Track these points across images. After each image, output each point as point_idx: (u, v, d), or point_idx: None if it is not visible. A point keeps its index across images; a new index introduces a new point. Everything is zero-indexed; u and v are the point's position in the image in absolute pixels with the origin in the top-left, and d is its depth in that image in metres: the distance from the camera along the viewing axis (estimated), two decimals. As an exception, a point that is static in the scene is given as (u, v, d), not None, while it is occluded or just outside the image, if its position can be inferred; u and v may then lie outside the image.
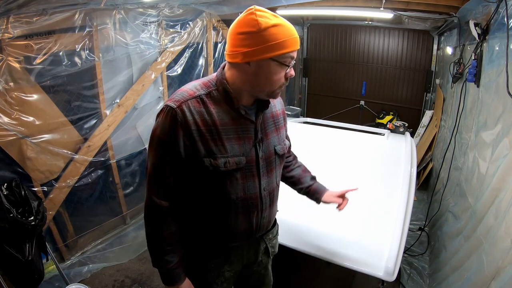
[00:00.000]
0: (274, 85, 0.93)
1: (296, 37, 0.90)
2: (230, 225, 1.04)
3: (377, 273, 1.45)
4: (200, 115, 0.91)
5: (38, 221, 1.79)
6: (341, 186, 2.22)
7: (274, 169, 1.09)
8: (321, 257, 1.59)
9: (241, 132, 0.97)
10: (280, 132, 1.11)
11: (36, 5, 1.79)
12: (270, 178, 1.08)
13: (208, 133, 0.92)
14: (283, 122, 1.15)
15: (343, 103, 5.50)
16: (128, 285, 2.22)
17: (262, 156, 1.02)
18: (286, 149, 1.13)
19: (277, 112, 1.11)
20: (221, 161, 0.93)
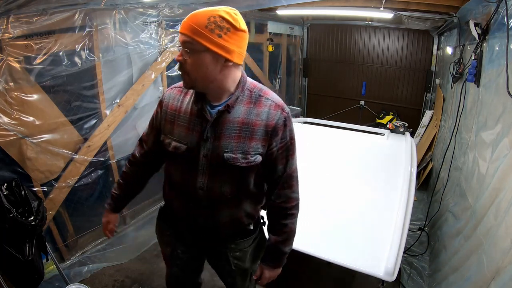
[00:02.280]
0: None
1: (184, 21, 0.92)
2: (173, 202, 1.19)
3: (377, 273, 1.45)
4: (173, 101, 1.09)
5: (38, 221, 1.79)
6: (341, 186, 2.22)
7: (219, 174, 1.04)
8: (321, 257, 1.59)
9: (193, 124, 1.03)
10: (244, 142, 1.00)
11: (36, 5, 1.79)
12: (211, 182, 1.05)
13: (170, 116, 1.08)
14: (262, 136, 1.00)
15: (343, 103, 5.50)
16: (128, 285, 2.22)
17: (205, 155, 1.02)
18: (241, 163, 1.00)
19: (255, 122, 1.00)
20: (168, 141, 1.07)
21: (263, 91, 1.04)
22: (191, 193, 1.08)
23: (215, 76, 0.95)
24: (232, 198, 1.08)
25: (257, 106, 1.01)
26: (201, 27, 0.88)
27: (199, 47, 0.90)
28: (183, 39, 0.92)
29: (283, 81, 5.18)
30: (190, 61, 0.93)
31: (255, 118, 1.00)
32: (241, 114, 1.00)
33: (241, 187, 1.08)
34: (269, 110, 1.01)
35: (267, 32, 4.44)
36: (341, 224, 1.82)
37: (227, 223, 1.13)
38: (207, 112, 1.00)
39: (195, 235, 1.20)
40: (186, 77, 0.97)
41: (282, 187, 1.11)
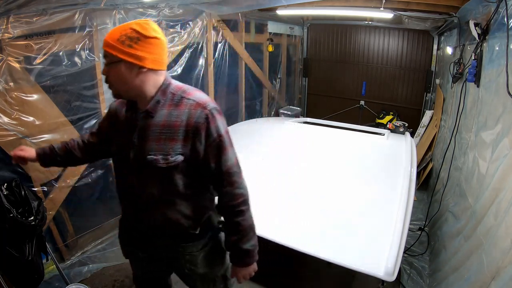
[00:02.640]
0: None
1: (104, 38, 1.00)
2: (119, 197, 1.24)
3: (377, 273, 1.45)
4: (116, 110, 1.18)
5: (38, 221, 1.79)
6: (341, 186, 2.22)
7: (146, 177, 1.08)
8: (321, 257, 1.59)
9: (126, 130, 1.11)
10: (165, 144, 1.03)
11: (36, 5, 1.79)
12: (140, 182, 1.10)
13: (113, 123, 1.18)
14: (183, 136, 1.02)
15: (343, 103, 5.50)
16: (128, 285, 2.22)
17: (133, 158, 1.08)
18: (161, 163, 1.02)
19: (175, 123, 1.02)
20: (110, 145, 1.18)
21: (186, 92, 1.07)
22: (127, 194, 1.18)
23: (133, 84, 1.01)
24: (162, 199, 1.10)
25: (178, 108, 1.04)
26: (113, 40, 0.97)
27: (114, 59, 0.98)
28: (103, 53, 1.01)
29: (283, 81, 5.18)
30: (111, 73, 1.02)
31: (175, 119, 1.03)
32: (163, 117, 1.04)
33: (168, 188, 1.08)
34: (189, 110, 1.03)
35: (267, 32, 4.44)
36: (341, 224, 1.81)
37: (163, 225, 1.14)
38: (135, 118, 1.09)
39: (143, 236, 1.23)
40: (111, 88, 1.05)
41: (223, 185, 1.10)
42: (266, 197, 2.10)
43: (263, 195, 2.13)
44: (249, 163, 2.50)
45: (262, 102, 4.81)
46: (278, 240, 1.72)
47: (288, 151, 2.68)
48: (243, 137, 3.01)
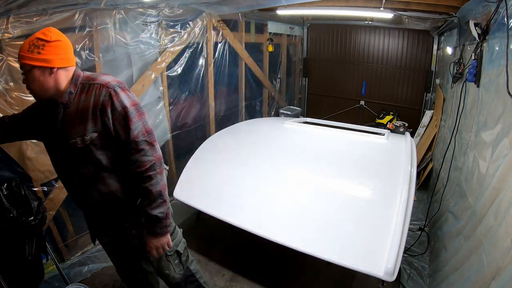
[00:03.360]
0: None
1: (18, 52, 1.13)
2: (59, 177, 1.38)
3: (377, 273, 1.45)
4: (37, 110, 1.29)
5: (38, 221, 1.78)
6: (340, 186, 2.22)
7: (73, 160, 1.23)
8: (321, 257, 1.59)
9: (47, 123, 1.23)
10: (79, 127, 1.17)
11: (36, 5, 1.79)
12: (70, 167, 1.25)
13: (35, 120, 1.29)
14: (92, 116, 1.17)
15: (343, 103, 5.50)
16: (128, 285, 2.22)
17: (59, 146, 1.22)
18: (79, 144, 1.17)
19: (87, 105, 1.17)
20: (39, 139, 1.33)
21: (92, 79, 1.21)
22: (66, 180, 1.32)
23: (48, 84, 1.15)
24: (93, 176, 1.23)
25: (87, 93, 1.18)
26: (24, 52, 1.11)
27: (27, 67, 1.12)
28: (20, 66, 1.14)
29: (283, 81, 5.18)
30: (29, 80, 1.14)
31: (85, 103, 1.18)
32: (75, 105, 1.19)
33: (95, 165, 1.22)
34: (95, 92, 1.17)
35: (267, 32, 4.44)
36: (341, 224, 1.82)
37: (102, 200, 1.28)
38: (56, 111, 1.21)
39: (93, 216, 1.40)
40: (32, 93, 1.18)
41: (131, 153, 1.20)
42: (266, 197, 2.11)
43: (263, 195, 2.14)
44: (249, 163, 2.50)
45: (262, 102, 4.81)
46: (278, 240, 1.72)
47: (288, 151, 2.68)
48: (243, 137, 3.01)
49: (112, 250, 1.53)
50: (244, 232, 1.84)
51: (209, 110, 3.68)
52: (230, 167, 2.46)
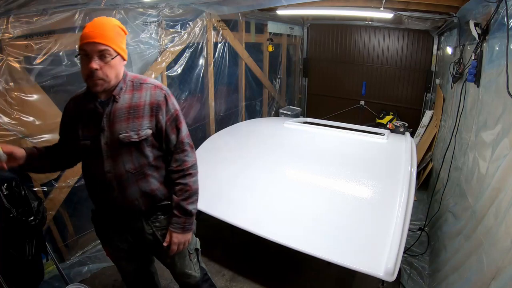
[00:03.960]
0: (83, 75, 1.14)
1: (88, 31, 1.08)
2: (92, 194, 1.32)
3: (377, 273, 1.45)
4: (73, 108, 1.25)
5: (38, 221, 1.79)
6: (340, 186, 2.22)
7: (120, 155, 1.21)
8: (321, 257, 1.59)
9: (91, 121, 1.20)
10: (134, 121, 1.20)
11: (36, 5, 1.79)
12: (115, 164, 1.21)
13: (73, 122, 1.23)
14: (148, 113, 1.22)
15: (343, 103, 5.50)
16: (128, 285, 2.22)
17: (106, 142, 1.19)
18: (134, 138, 1.19)
19: (140, 103, 1.21)
20: (76, 143, 1.22)
21: (142, 79, 1.26)
22: (101, 179, 1.23)
23: (120, 74, 1.18)
24: (136, 173, 1.24)
25: (139, 91, 1.22)
26: (114, 35, 1.11)
27: (113, 53, 1.11)
28: (99, 48, 1.08)
29: (283, 81, 5.18)
30: (106, 67, 1.11)
31: (139, 100, 1.21)
32: (127, 101, 1.20)
33: (141, 161, 1.24)
34: (150, 92, 1.23)
35: (267, 32, 4.44)
36: (341, 224, 1.81)
37: (140, 199, 1.27)
38: (99, 107, 1.19)
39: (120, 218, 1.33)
40: (101, 81, 1.13)
41: (177, 152, 1.29)
42: (266, 197, 2.11)
43: (263, 194, 2.14)
44: (249, 163, 2.50)
45: (262, 102, 4.81)
46: (278, 240, 1.72)
47: (288, 151, 2.69)
48: (243, 137, 3.01)
49: (126, 256, 1.43)
50: (244, 232, 1.83)
51: (209, 110, 3.68)
52: (230, 167, 2.45)
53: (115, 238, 1.37)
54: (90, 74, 1.10)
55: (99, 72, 1.10)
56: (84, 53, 1.09)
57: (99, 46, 1.08)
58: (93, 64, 1.08)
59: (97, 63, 1.09)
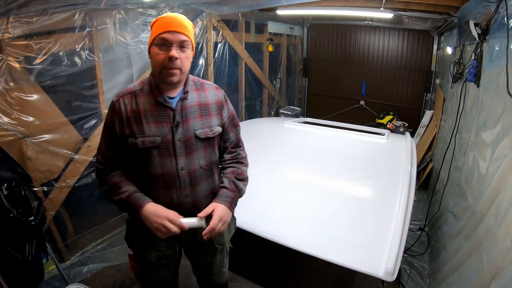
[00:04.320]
0: (158, 66, 1.10)
1: (169, 21, 1.08)
2: (154, 197, 1.19)
3: (377, 273, 1.45)
4: (130, 105, 1.16)
5: (38, 221, 1.79)
6: (340, 186, 2.22)
7: (195, 151, 1.21)
8: (321, 257, 1.59)
9: (160, 116, 1.16)
10: (207, 119, 1.23)
11: (36, 5, 1.79)
12: (190, 159, 1.20)
13: (133, 118, 1.15)
14: (217, 111, 1.27)
15: (343, 103, 5.50)
16: (128, 285, 2.22)
17: (180, 139, 1.17)
18: (211, 134, 1.23)
19: (208, 102, 1.25)
20: (139, 140, 1.14)
21: (201, 80, 1.29)
22: (174, 176, 1.19)
23: (188, 71, 1.18)
24: (207, 170, 1.27)
25: (203, 91, 1.25)
26: (191, 29, 1.13)
27: (190, 45, 1.12)
28: (181, 38, 1.09)
29: (283, 81, 5.18)
30: (184, 57, 1.11)
31: (206, 99, 1.24)
32: (195, 99, 1.22)
33: (211, 157, 1.27)
34: (213, 91, 1.28)
35: (267, 32, 4.44)
36: (341, 224, 1.81)
37: (206, 196, 1.27)
38: (169, 103, 1.16)
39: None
40: (178, 72, 1.11)
41: (234, 147, 1.37)
42: (266, 197, 2.10)
43: (263, 195, 2.13)
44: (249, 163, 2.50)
45: (262, 102, 4.81)
46: (278, 240, 1.72)
47: (288, 151, 2.68)
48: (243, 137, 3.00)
49: (167, 264, 1.36)
50: (243, 232, 1.83)
51: (209, 110, 3.67)
52: (230, 167, 2.45)
53: (162, 244, 1.28)
54: (168, 62, 1.08)
55: (178, 62, 1.09)
56: (163, 42, 1.07)
57: (181, 36, 1.08)
58: (174, 52, 1.07)
59: (177, 53, 1.08)
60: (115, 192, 1.17)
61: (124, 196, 1.15)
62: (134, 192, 1.16)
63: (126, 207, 1.17)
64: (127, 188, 1.17)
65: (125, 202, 1.15)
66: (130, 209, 1.17)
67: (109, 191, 1.19)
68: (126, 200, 1.15)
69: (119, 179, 1.19)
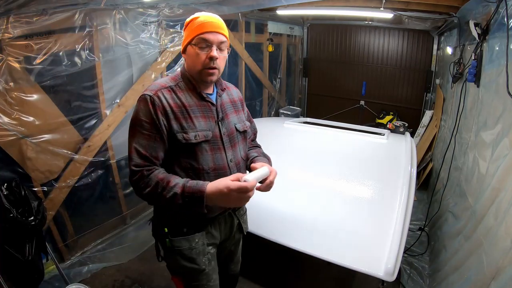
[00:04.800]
0: (197, 66, 1.12)
1: (209, 22, 1.10)
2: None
3: (377, 273, 1.45)
4: (172, 100, 1.12)
5: (38, 221, 1.79)
6: (341, 186, 2.22)
7: (237, 143, 1.27)
8: (321, 257, 1.59)
9: (205, 112, 1.18)
10: (239, 114, 1.32)
11: (36, 5, 1.79)
12: (234, 152, 1.25)
13: (180, 113, 1.12)
14: (242, 108, 1.37)
15: (343, 103, 5.50)
16: (128, 285, 2.22)
17: (224, 132, 1.22)
18: (246, 127, 1.32)
19: (235, 99, 1.34)
20: (192, 134, 1.12)
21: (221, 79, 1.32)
22: (225, 169, 1.20)
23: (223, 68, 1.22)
24: (245, 160, 1.34)
25: (228, 89, 1.34)
26: (227, 30, 1.16)
27: (226, 46, 1.16)
28: (220, 39, 1.12)
29: (283, 81, 5.18)
30: (222, 57, 1.14)
31: (232, 96, 1.33)
32: (226, 96, 1.29)
33: (246, 149, 1.36)
34: (235, 90, 1.39)
35: (267, 32, 4.44)
36: (341, 224, 1.81)
37: None
38: (210, 99, 1.20)
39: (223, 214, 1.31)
40: (217, 71, 1.15)
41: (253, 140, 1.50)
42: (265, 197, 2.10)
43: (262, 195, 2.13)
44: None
45: (262, 102, 4.81)
46: (278, 240, 1.72)
47: (288, 151, 2.68)
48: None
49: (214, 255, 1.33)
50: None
51: (209, 110, 3.67)
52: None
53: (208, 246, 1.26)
54: (209, 62, 1.11)
55: (217, 61, 1.12)
56: (204, 42, 1.10)
57: (221, 37, 1.12)
58: (215, 52, 1.10)
59: (217, 53, 1.11)
60: (165, 189, 1.03)
61: (178, 190, 1.02)
62: (186, 181, 1.04)
63: (183, 201, 1.02)
64: (176, 181, 1.04)
65: (182, 195, 1.01)
66: (190, 200, 1.02)
67: (155, 192, 1.04)
68: (182, 193, 1.01)
69: (163, 175, 1.06)
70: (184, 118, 1.12)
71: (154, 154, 1.09)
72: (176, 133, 1.09)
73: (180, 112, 1.11)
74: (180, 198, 1.02)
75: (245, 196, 1.01)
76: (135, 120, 1.10)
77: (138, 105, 1.11)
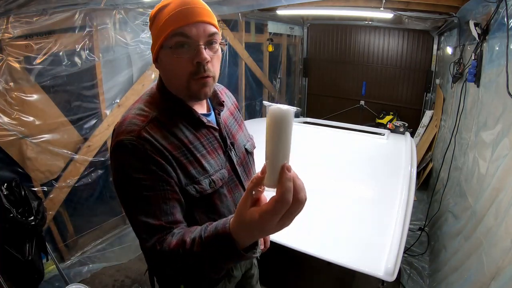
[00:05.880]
0: (180, 77, 0.74)
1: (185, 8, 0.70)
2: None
3: (377, 273, 1.45)
4: (165, 139, 0.75)
5: (38, 221, 1.79)
6: (341, 186, 2.22)
7: (251, 168, 0.99)
8: (321, 257, 1.59)
9: (210, 143, 0.84)
10: (242, 128, 1.00)
11: (36, 5, 1.79)
12: (248, 176, 0.96)
13: (182, 157, 0.77)
14: (240, 115, 1.04)
15: (343, 103, 5.50)
16: (128, 285, 2.22)
17: (237, 162, 0.91)
18: (253, 143, 1.03)
19: (232, 109, 1.00)
20: (205, 182, 0.80)
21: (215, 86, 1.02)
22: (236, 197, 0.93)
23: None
24: None
25: (221, 95, 0.94)
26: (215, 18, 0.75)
27: (218, 39, 0.76)
28: (208, 30, 0.72)
29: (283, 81, 5.18)
30: (215, 58, 0.77)
31: (229, 106, 1.00)
32: (225, 110, 0.95)
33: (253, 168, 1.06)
34: (228, 94, 1.05)
35: (267, 32, 4.44)
36: (341, 224, 1.81)
37: None
38: (211, 123, 0.86)
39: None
40: (211, 80, 0.77)
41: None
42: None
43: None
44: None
45: (262, 102, 4.81)
46: (277, 240, 1.72)
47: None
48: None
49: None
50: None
51: (209, 110, 3.67)
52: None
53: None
54: (197, 69, 0.73)
55: (210, 66, 0.75)
56: (183, 40, 0.71)
57: (209, 28, 0.73)
58: (204, 53, 0.72)
59: (207, 53, 0.73)
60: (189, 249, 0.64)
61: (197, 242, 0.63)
62: (205, 228, 0.65)
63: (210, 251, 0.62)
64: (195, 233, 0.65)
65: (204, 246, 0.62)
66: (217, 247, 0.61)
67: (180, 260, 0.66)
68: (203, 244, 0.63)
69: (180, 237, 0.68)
70: (190, 163, 0.78)
71: (171, 219, 0.72)
72: (186, 187, 0.77)
73: (182, 155, 0.77)
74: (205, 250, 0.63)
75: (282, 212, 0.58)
76: (125, 182, 0.72)
77: (119, 159, 0.73)
